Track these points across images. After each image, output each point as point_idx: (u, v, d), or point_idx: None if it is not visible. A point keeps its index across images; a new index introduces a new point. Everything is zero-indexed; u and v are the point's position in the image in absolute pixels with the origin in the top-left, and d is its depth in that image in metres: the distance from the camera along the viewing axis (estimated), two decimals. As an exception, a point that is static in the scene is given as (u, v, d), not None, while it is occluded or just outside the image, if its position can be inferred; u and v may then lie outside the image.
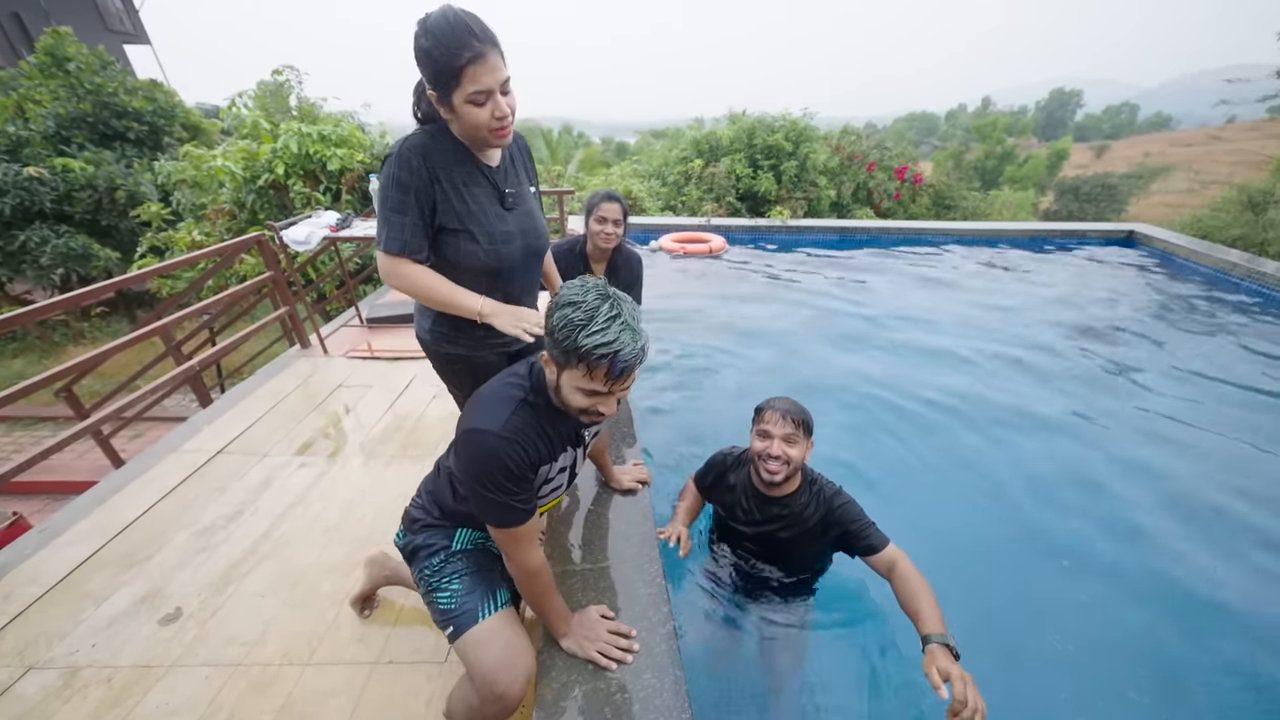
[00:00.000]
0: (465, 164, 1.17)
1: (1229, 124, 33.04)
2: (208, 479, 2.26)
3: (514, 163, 1.29)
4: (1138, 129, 73.26)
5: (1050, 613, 1.85)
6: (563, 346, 0.90)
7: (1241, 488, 2.34)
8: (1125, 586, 1.92)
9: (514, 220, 1.24)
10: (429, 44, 1.01)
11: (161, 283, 6.04)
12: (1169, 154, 32.70)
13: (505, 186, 1.23)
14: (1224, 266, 4.83)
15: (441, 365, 1.39)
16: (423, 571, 1.19)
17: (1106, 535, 2.13)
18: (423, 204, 1.12)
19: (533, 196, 1.35)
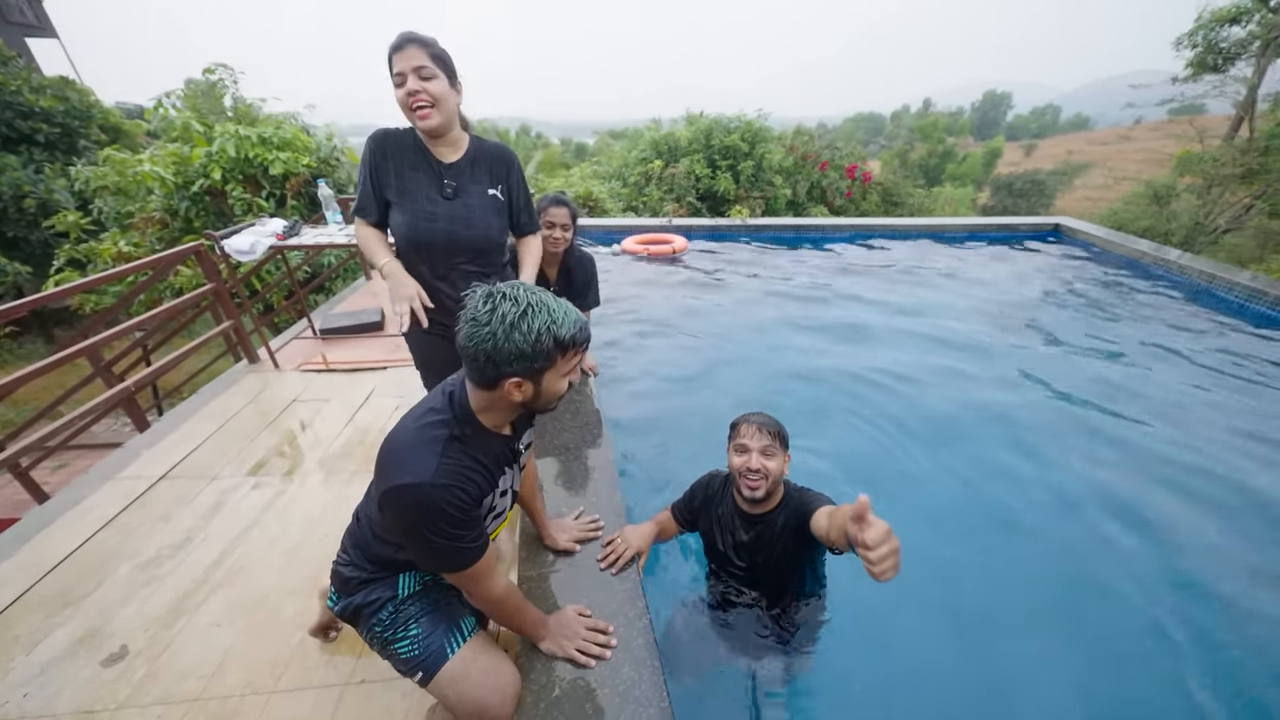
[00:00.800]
0: (416, 154, 1.43)
1: (1136, 125, 36.30)
2: (150, 507, 2.11)
3: (475, 166, 1.47)
4: (1060, 129, 79.33)
5: (992, 576, 2.00)
6: (547, 351, 0.91)
7: (1156, 437, 2.61)
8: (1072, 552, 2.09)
9: (447, 208, 1.43)
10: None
11: (85, 299, 5.56)
12: (1088, 152, 35.64)
13: (449, 179, 1.43)
14: (1136, 255, 5.33)
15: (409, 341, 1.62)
16: (373, 629, 1.11)
17: (1047, 504, 2.32)
18: (371, 176, 1.43)
19: (485, 197, 1.48)
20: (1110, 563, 2.03)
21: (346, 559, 1.16)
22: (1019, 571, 2.04)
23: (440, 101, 1.33)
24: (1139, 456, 2.59)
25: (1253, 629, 1.77)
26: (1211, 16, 8.34)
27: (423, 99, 1.30)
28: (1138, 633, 1.78)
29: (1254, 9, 7.99)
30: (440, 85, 1.32)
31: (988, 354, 3.58)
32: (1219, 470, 2.46)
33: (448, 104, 1.36)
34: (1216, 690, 1.60)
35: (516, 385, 0.94)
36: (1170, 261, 4.95)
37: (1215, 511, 2.25)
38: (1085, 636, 1.78)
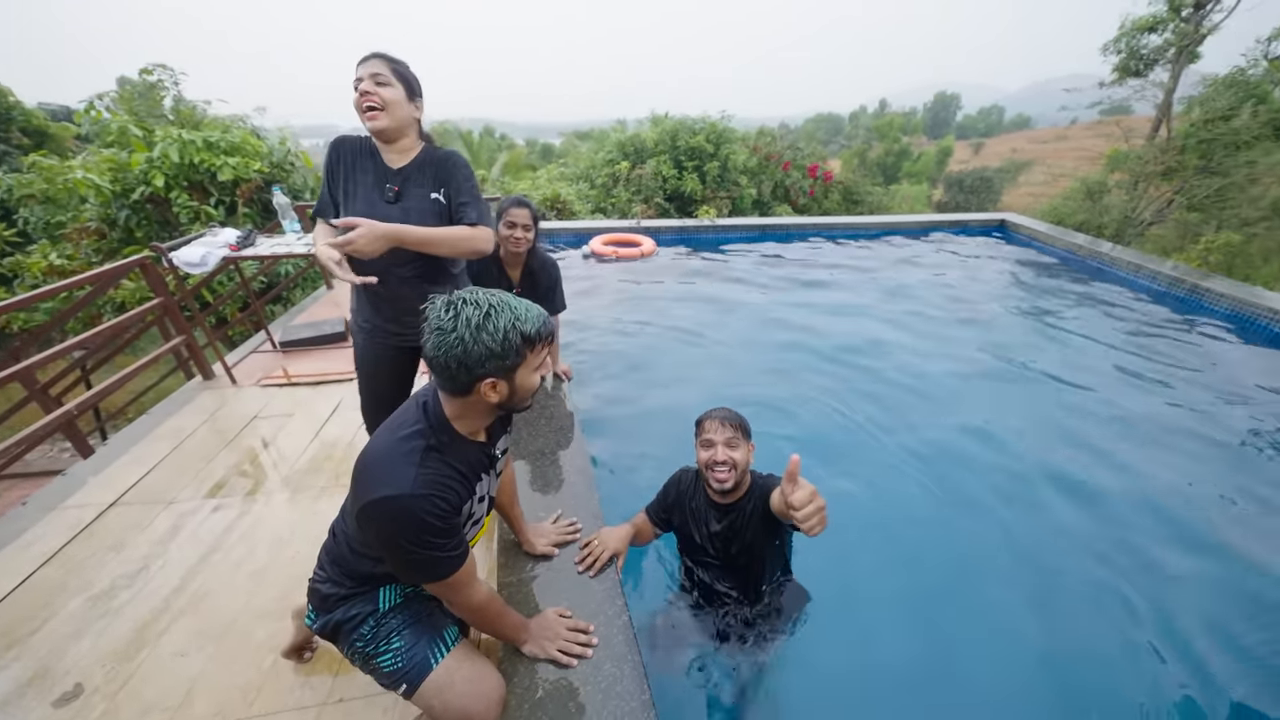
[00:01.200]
0: (367, 158, 1.51)
1: (1072, 124, 38.74)
2: (100, 536, 2.00)
3: (422, 171, 1.51)
4: (1005, 128, 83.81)
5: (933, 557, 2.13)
6: (517, 348, 0.94)
7: (1089, 414, 2.83)
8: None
9: (386, 210, 1.45)
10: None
11: (13, 316, 5.16)
12: (1030, 150, 37.80)
13: (391, 183, 1.48)
14: (1073, 248, 5.72)
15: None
16: (354, 644, 1.11)
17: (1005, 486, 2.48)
18: (328, 178, 1.53)
19: (426, 201, 1.50)
20: (1053, 531, 2.20)
21: (324, 576, 1.15)
22: (973, 542, 2.18)
23: (390, 107, 1.40)
24: (1071, 427, 2.82)
25: (1174, 584, 1.95)
26: (1132, 25, 9.01)
27: (373, 100, 1.37)
28: (1078, 593, 1.95)
29: (1168, 19, 8.68)
30: (393, 93, 1.40)
31: (943, 341, 3.79)
32: (1134, 430, 2.72)
33: (398, 111, 1.42)
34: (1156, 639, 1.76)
35: (492, 386, 0.96)
36: (1103, 253, 5.34)
37: (1135, 471, 2.48)
38: (1032, 597, 1.93)
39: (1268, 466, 2.55)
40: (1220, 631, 1.79)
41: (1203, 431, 2.77)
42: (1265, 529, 2.19)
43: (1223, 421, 2.86)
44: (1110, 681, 1.68)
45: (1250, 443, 2.71)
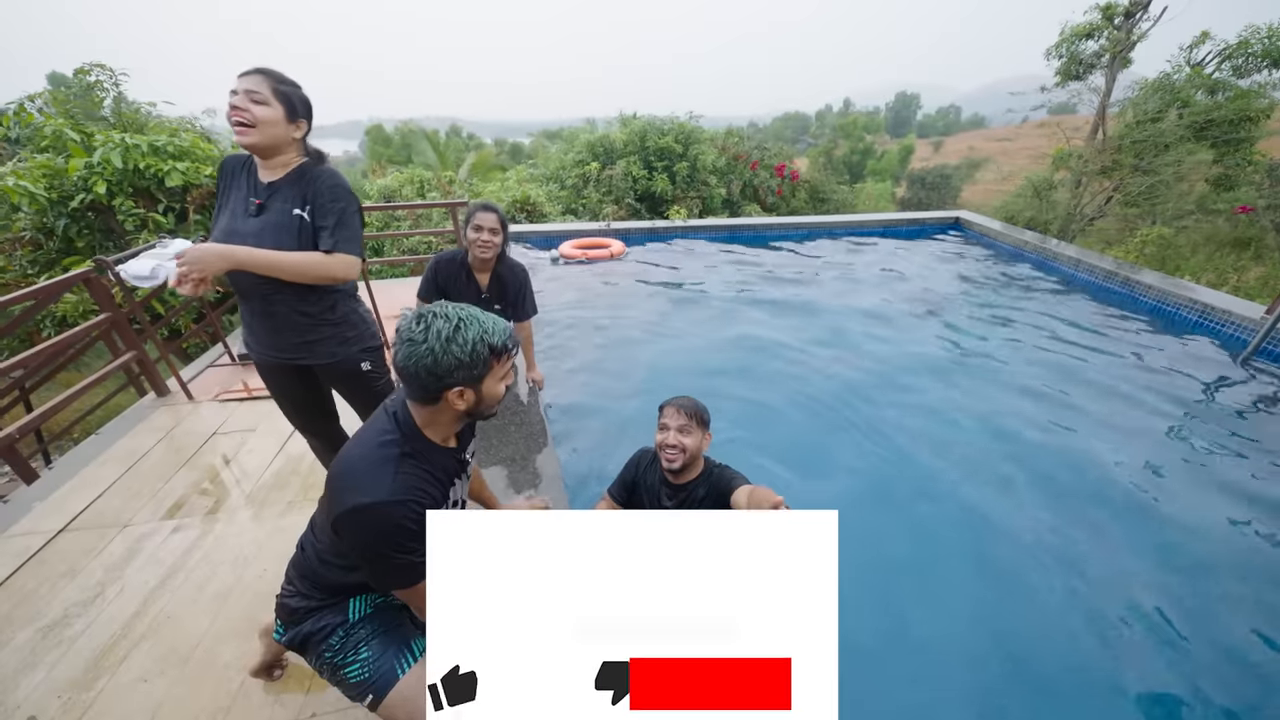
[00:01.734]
0: (243, 173, 1.50)
1: (1023, 124, 40.65)
2: (49, 564, 1.92)
3: (292, 187, 1.48)
4: (963, 127, 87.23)
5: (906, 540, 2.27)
6: (484, 359, 0.99)
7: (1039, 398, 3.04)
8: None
9: (246, 224, 1.44)
10: None
11: (-62, 334, 4.80)
12: (985, 148, 39.49)
13: (257, 196, 1.46)
14: (1022, 244, 6.05)
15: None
16: (323, 655, 1.13)
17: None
18: (218, 200, 1.53)
19: (287, 216, 1.46)
20: (1004, 513, 2.36)
21: (292, 590, 1.17)
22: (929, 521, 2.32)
23: (261, 125, 1.39)
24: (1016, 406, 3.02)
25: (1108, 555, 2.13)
26: (1071, 31, 9.56)
27: (242, 115, 1.36)
28: (1026, 566, 2.11)
29: (1102, 26, 9.25)
30: (268, 111, 1.38)
31: (904, 334, 3.98)
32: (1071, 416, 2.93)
33: (271, 130, 1.40)
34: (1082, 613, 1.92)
35: (459, 394, 1.00)
36: (1049, 249, 5.67)
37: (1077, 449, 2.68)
38: (988, 573, 2.08)
39: (1187, 443, 2.80)
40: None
41: (1130, 421, 3.01)
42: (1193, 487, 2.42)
43: (1149, 409, 3.11)
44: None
45: (1178, 427, 2.96)
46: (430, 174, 9.57)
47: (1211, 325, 3.95)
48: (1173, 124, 8.06)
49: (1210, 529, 2.24)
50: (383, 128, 25.87)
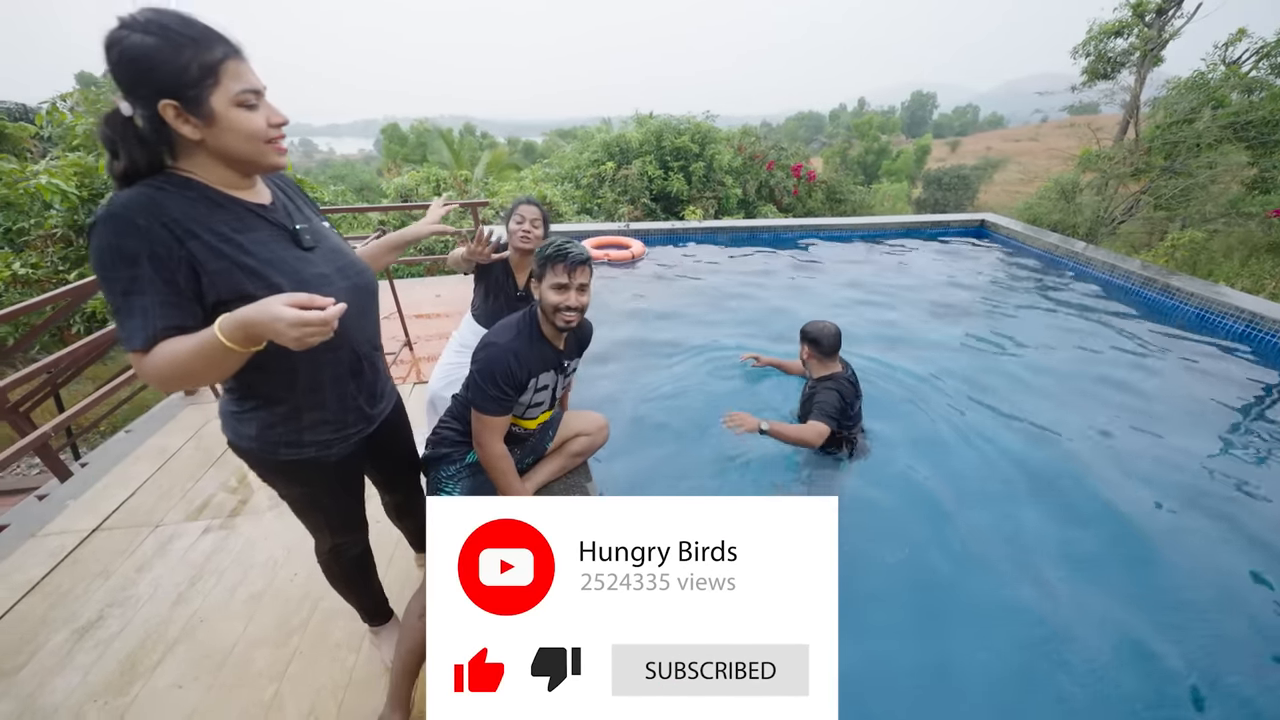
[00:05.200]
0: (225, 209, 0.92)
1: (1044, 123, 39.88)
2: (84, 564, 1.93)
3: (290, 198, 1.08)
4: (980, 127, 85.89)
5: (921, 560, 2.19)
6: (539, 262, 1.39)
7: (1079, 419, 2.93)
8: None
9: (323, 261, 1.03)
10: (155, 39, 0.79)
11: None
12: (1004, 148, 38.83)
13: (293, 224, 1.02)
14: (1049, 248, 5.90)
15: (284, 477, 1.16)
16: (439, 473, 1.52)
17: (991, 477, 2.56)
18: (169, 271, 0.84)
19: (330, 232, 1.13)
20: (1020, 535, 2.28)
21: (447, 422, 1.56)
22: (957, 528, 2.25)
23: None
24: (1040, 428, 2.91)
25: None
26: (1100, 29, 9.32)
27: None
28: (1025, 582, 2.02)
29: (1133, 23, 9.00)
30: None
31: (926, 344, 3.88)
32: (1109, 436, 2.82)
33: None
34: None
35: (535, 284, 1.43)
36: (1077, 253, 5.52)
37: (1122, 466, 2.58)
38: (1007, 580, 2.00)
39: (1241, 459, 2.68)
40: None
41: (1182, 436, 2.88)
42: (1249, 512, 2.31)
43: (1200, 422, 2.98)
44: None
45: (1232, 441, 2.84)
46: (446, 173, 9.62)
47: (1260, 335, 3.80)
48: (1207, 124, 7.81)
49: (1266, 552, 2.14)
50: (398, 126, 26.11)
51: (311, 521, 1.30)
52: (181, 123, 0.84)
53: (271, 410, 1.05)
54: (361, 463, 1.28)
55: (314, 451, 1.11)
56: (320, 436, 1.11)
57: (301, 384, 1.04)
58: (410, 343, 3.61)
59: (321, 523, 1.30)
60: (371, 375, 1.18)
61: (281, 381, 1.02)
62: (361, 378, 1.15)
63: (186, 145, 0.87)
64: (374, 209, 5.63)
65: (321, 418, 1.09)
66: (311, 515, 1.29)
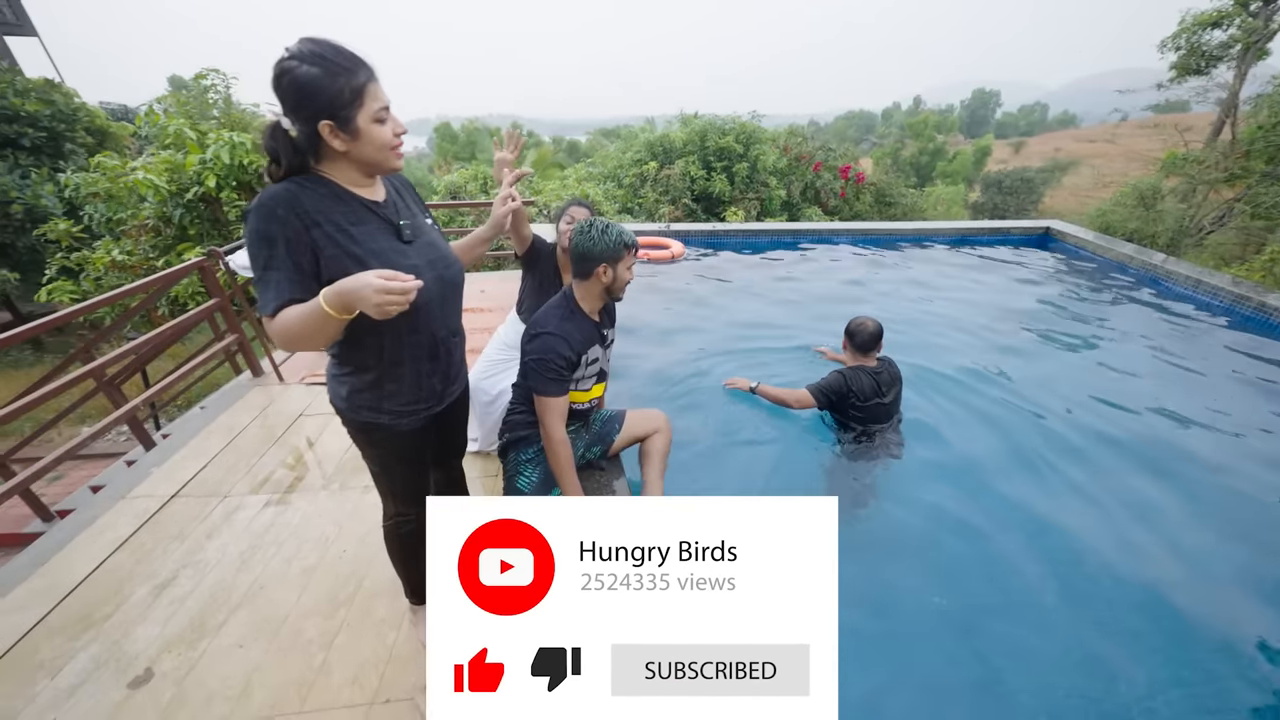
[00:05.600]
0: (346, 204, 1.08)
1: (1122, 123, 36.83)
2: (164, 526, 2.13)
3: (400, 195, 1.23)
4: (1048, 126, 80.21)
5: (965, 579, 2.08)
6: (621, 248, 1.56)
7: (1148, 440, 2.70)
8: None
9: (417, 253, 1.17)
10: (318, 69, 0.96)
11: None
12: (1075, 149, 36.11)
13: (398, 219, 1.17)
14: (1123, 259, 5.45)
15: (364, 436, 1.30)
16: (515, 459, 1.72)
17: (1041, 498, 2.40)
18: (297, 255, 1.01)
19: (431, 228, 1.27)
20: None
21: (519, 408, 1.75)
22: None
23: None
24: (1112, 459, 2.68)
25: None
26: (1194, 20, 8.51)
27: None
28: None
29: (1234, 13, 8.16)
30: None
31: (981, 360, 3.66)
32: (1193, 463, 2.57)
33: None
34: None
35: (602, 271, 1.57)
36: (1156, 265, 5.07)
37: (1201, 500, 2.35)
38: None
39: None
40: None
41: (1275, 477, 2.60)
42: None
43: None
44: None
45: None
46: (491, 170, 9.92)
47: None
48: (1321, 125, 6.99)
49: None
50: (450, 125, 27.11)
51: (382, 486, 1.44)
52: (333, 138, 1.02)
53: (360, 377, 1.20)
54: (428, 438, 1.38)
55: (388, 419, 1.25)
56: (396, 406, 1.24)
57: (386, 358, 1.18)
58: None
59: (388, 489, 1.43)
60: (447, 358, 1.30)
61: (370, 354, 1.17)
62: (438, 360, 1.27)
63: (329, 152, 1.06)
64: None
65: (399, 389, 1.23)
66: (382, 480, 1.42)
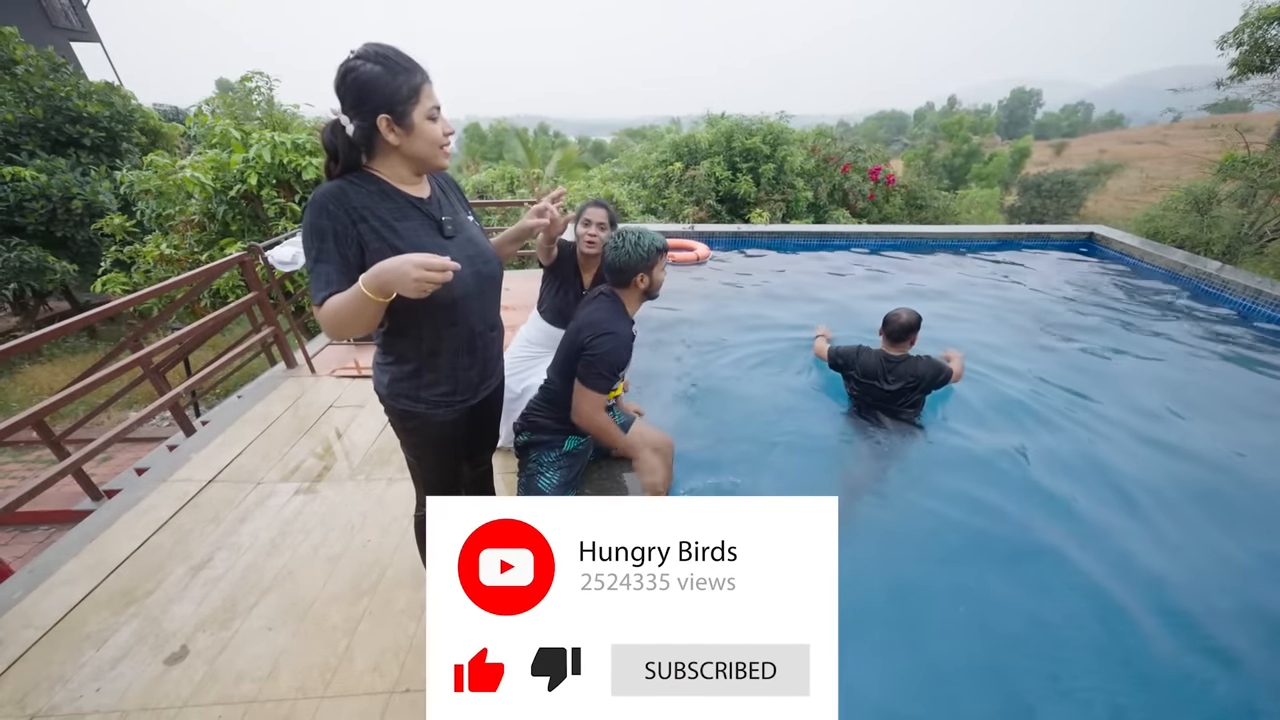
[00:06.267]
0: (392, 200, 1.15)
1: (1174, 123, 34.85)
2: (201, 510, 2.22)
3: (445, 194, 1.29)
4: (1093, 127, 76.69)
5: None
6: (650, 257, 1.61)
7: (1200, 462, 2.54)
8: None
9: (457, 248, 1.21)
10: (380, 68, 1.03)
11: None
12: (1121, 152, 34.41)
13: (441, 215, 1.23)
14: (1173, 267, 5.15)
15: (401, 423, 1.36)
16: (536, 460, 1.69)
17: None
18: (344, 248, 1.09)
19: (473, 224, 1.33)
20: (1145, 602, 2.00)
21: (543, 410, 1.73)
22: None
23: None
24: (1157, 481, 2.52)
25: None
26: (1258, 14, 7.99)
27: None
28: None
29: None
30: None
31: (1018, 375, 3.51)
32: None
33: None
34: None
35: (640, 279, 1.63)
36: (1210, 274, 4.78)
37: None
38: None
39: None
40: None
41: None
42: None
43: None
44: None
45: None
46: (520, 170, 10.05)
47: None
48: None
49: None
50: (479, 126, 27.60)
51: (415, 475, 1.48)
52: (389, 131, 1.07)
53: (400, 367, 1.27)
54: (461, 430, 1.41)
55: (425, 408, 1.30)
56: (433, 396, 1.29)
57: (425, 348, 1.24)
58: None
59: (421, 478, 1.46)
60: (484, 352, 1.35)
61: (410, 345, 1.24)
62: (475, 352, 1.32)
63: (382, 148, 1.11)
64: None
65: (437, 379, 1.28)
66: (415, 468, 1.46)
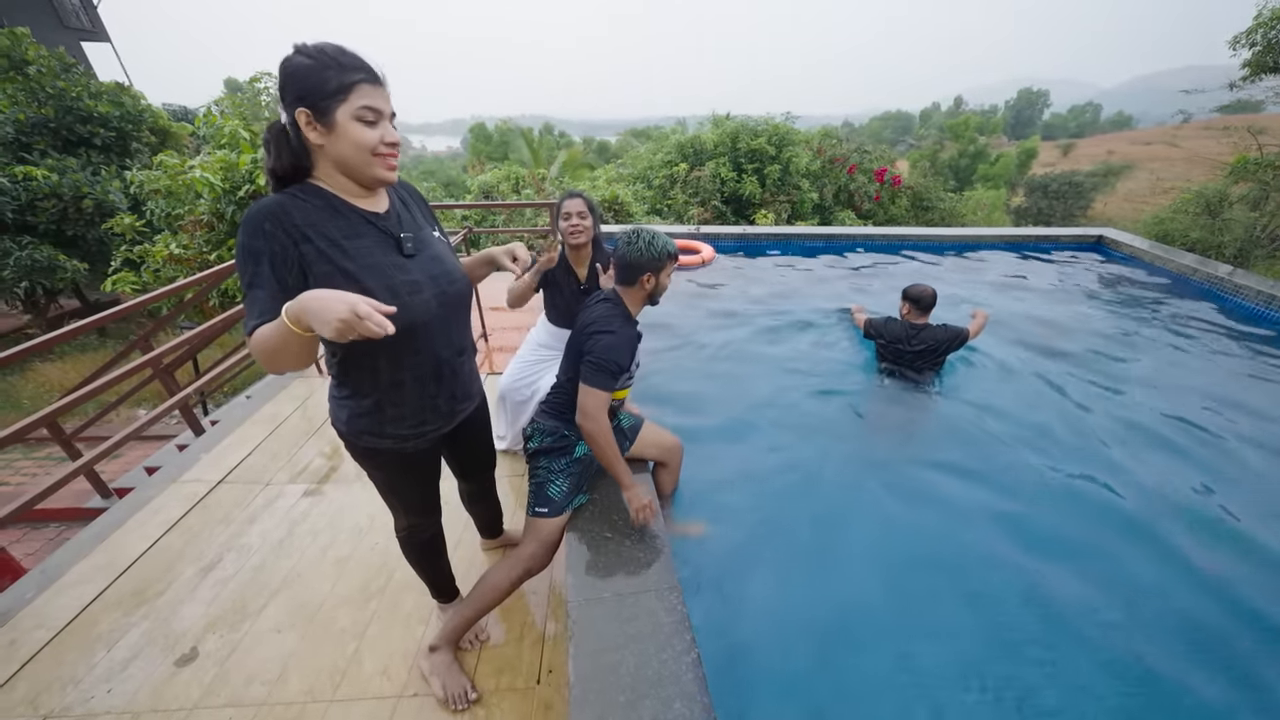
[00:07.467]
0: (342, 216, 1.03)
1: (1184, 124, 34.55)
2: (211, 510, 2.23)
3: (406, 207, 1.17)
4: (1101, 128, 76.09)
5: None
6: (664, 258, 1.58)
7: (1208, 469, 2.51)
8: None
9: (419, 267, 1.11)
10: (311, 60, 0.93)
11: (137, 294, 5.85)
12: (1130, 153, 34.12)
13: (400, 231, 1.10)
14: (1184, 270, 5.10)
15: (367, 461, 1.26)
16: (547, 466, 1.62)
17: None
18: (281, 272, 0.96)
19: (440, 241, 1.21)
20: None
21: (554, 414, 1.67)
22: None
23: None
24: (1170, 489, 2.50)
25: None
26: (1271, 14, 7.89)
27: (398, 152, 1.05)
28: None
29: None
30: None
31: (1025, 381, 3.48)
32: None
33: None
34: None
35: (647, 279, 1.59)
36: (1221, 278, 4.73)
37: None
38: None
39: None
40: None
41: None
42: None
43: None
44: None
45: None
46: (525, 171, 10.06)
47: None
48: None
49: None
50: (484, 126, 27.65)
51: (389, 502, 1.43)
52: (310, 129, 0.96)
53: (359, 401, 1.16)
54: (438, 456, 1.39)
55: (392, 443, 1.21)
56: (399, 430, 1.20)
57: (384, 381, 1.13)
58: (486, 334, 3.82)
59: (398, 505, 1.43)
60: (452, 378, 1.25)
61: (367, 377, 1.13)
62: (442, 381, 1.22)
63: (318, 155, 1.00)
64: (457, 206, 6.04)
65: (400, 414, 1.18)
66: (389, 497, 1.41)
